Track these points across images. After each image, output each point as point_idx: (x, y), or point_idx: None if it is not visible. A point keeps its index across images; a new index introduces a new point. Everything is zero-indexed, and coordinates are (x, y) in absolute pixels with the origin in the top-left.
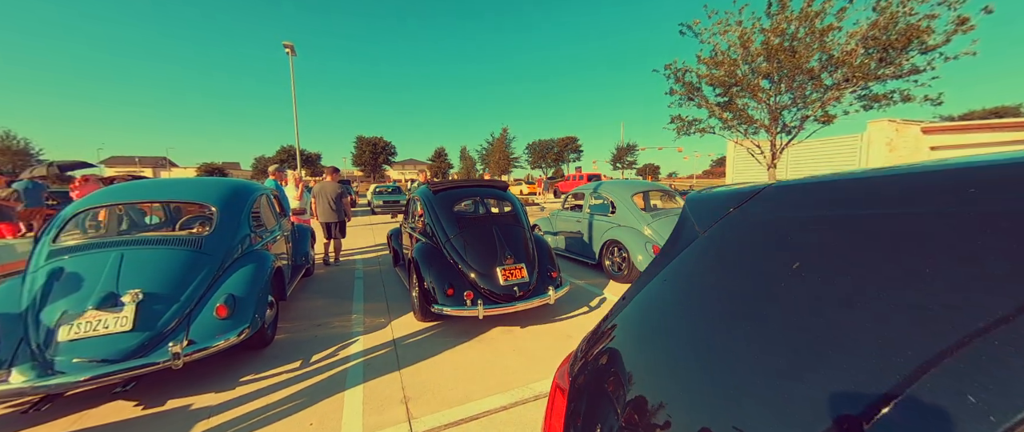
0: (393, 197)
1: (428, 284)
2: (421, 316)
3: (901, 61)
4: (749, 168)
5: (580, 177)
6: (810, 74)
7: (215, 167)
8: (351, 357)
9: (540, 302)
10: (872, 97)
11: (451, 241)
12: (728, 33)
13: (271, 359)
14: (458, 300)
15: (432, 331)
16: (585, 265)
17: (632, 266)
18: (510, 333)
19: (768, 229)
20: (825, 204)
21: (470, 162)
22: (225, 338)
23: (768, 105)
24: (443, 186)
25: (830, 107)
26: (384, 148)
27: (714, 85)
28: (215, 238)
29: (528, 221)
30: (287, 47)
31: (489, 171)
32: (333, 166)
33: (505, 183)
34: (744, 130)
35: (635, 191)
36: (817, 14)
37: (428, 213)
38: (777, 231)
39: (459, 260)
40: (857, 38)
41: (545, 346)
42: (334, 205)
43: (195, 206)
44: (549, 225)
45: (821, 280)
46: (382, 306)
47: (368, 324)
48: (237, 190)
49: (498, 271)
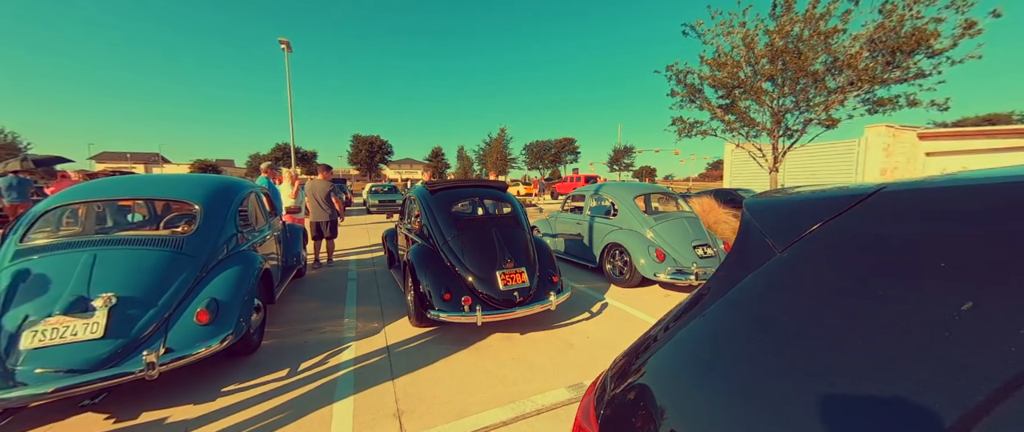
0: (389, 196)
1: (424, 288)
2: (416, 321)
3: (908, 65)
4: (747, 171)
5: (577, 178)
6: (814, 77)
7: (208, 164)
8: (342, 365)
9: (541, 308)
10: (877, 101)
11: (449, 243)
12: (732, 34)
13: (256, 367)
14: (455, 305)
15: (427, 337)
16: (585, 268)
17: (634, 270)
18: (509, 340)
19: (894, 252)
20: (995, 217)
21: (467, 162)
22: (206, 345)
23: (771, 108)
24: (441, 186)
25: (834, 111)
26: (381, 147)
27: (716, 87)
28: (198, 238)
29: (528, 223)
30: (283, 43)
31: (494, 169)
32: (325, 164)
33: (504, 183)
34: (746, 133)
35: (637, 193)
36: (822, 16)
37: (425, 214)
38: (911, 255)
39: (457, 263)
40: (862, 41)
41: (546, 355)
42: (324, 204)
43: (178, 204)
44: (548, 227)
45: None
46: (376, 310)
47: (361, 329)
48: (223, 187)
49: (497, 275)
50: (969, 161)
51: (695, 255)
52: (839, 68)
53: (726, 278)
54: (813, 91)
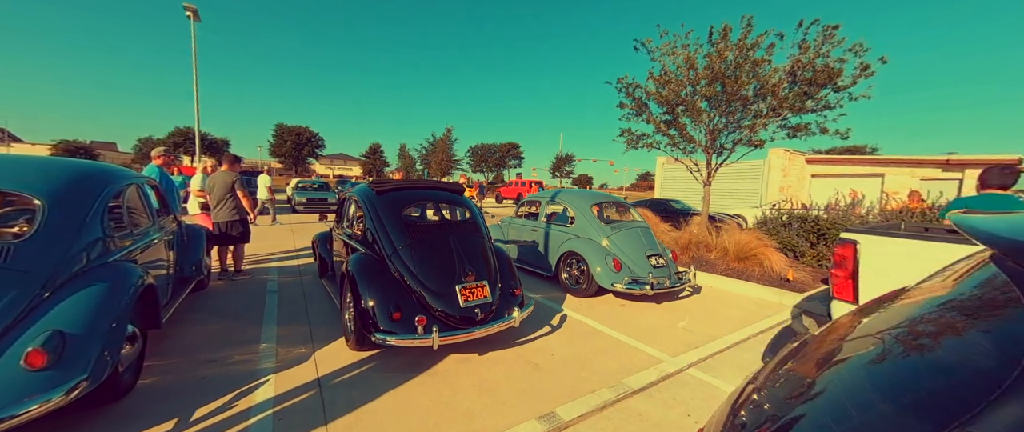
0: (319, 194)
1: (368, 305)
2: (356, 345)
3: (820, 96)
4: (677, 183)
5: (521, 183)
6: (744, 101)
7: (79, 146)
8: (256, 408)
9: (503, 326)
10: (793, 127)
11: (399, 253)
12: (676, 55)
13: (128, 419)
14: (407, 326)
15: (370, 363)
16: (540, 277)
17: (591, 279)
18: (467, 362)
19: None
20: None
21: (409, 161)
22: (41, 401)
23: (707, 127)
24: (389, 186)
25: (759, 133)
26: (310, 139)
27: (661, 103)
28: (34, 246)
29: (488, 230)
30: (189, 11)
31: (438, 170)
32: (232, 153)
33: (461, 186)
34: (684, 148)
35: (594, 202)
36: (752, 46)
37: (370, 218)
38: None
39: (409, 276)
40: (780, 73)
41: (510, 378)
42: (226, 202)
43: (11, 197)
44: (501, 233)
45: None
46: (303, 330)
47: (283, 357)
48: (84, 176)
49: (457, 290)
50: (839, 183)
51: (649, 265)
52: (764, 95)
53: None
54: (741, 114)
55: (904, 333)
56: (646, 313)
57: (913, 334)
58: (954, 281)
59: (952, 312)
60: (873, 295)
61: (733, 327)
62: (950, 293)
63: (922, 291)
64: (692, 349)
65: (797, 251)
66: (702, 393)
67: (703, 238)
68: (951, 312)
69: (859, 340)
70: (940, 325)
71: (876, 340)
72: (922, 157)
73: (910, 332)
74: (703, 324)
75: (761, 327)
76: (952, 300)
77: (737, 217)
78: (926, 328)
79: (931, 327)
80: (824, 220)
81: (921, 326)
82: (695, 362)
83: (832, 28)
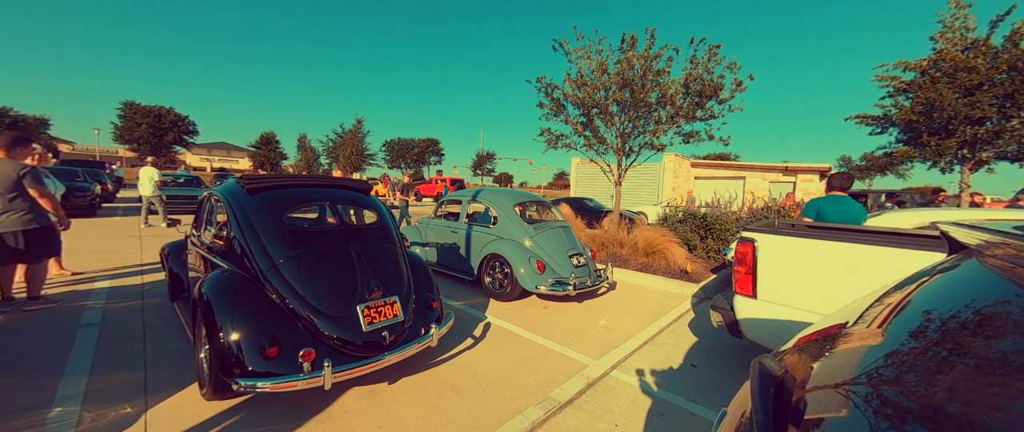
0: (186, 191)
1: (228, 339)
2: (213, 393)
3: (709, 107)
4: (591, 183)
5: (442, 180)
6: (648, 107)
7: None
8: None
9: (419, 348)
10: (687, 133)
11: (278, 269)
12: (590, 59)
13: None
14: (288, 364)
15: (233, 416)
16: (461, 281)
17: (515, 282)
18: (373, 396)
19: None
20: None
21: (312, 154)
22: None
23: (618, 130)
24: (266, 182)
25: (660, 137)
26: (176, 123)
27: (577, 105)
28: None
29: (399, 235)
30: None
31: (347, 166)
32: (18, 134)
33: (367, 184)
34: (598, 150)
35: (516, 201)
36: (655, 57)
37: (237, 223)
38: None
39: (293, 298)
40: (677, 84)
41: (426, 410)
42: (8, 203)
43: None
44: (418, 235)
45: None
46: (133, 378)
47: (91, 422)
48: None
49: (359, 311)
50: (717, 184)
51: (571, 265)
52: (664, 103)
53: None
54: (646, 119)
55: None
56: (569, 314)
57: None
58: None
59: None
60: (770, 290)
61: (646, 321)
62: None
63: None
64: (613, 349)
65: (691, 244)
66: (626, 398)
67: (616, 235)
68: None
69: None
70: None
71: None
72: (772, 164)
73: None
74: (620, 321)
75: (668, 319)
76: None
77: (640, 214)
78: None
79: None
80: (710, 217)
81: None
82: (617, 363)
83: (715, 47)
